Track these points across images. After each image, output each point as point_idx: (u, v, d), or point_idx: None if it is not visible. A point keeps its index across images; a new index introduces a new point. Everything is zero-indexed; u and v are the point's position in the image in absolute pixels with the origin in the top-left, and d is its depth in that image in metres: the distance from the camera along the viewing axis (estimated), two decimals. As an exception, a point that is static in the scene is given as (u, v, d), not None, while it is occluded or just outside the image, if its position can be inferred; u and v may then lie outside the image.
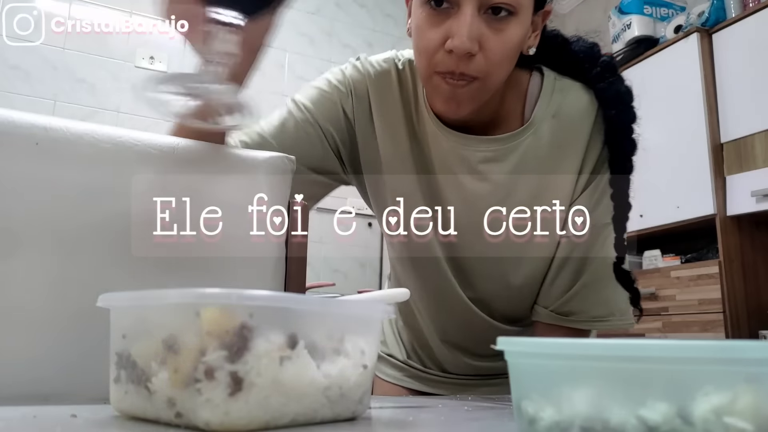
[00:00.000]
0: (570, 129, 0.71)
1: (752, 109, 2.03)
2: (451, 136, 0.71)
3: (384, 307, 0.38)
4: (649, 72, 2.33)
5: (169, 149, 0.53)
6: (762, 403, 0.24)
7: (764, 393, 0.24)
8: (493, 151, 0.71)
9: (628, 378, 0.26)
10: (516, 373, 0.31)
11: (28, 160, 0.48)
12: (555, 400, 0.27)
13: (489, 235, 0.67)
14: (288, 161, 0.60)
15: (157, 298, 0.33)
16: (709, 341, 0.25)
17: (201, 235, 0.51)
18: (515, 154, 0.71)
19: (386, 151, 0.75)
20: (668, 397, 0.25)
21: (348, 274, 2.56)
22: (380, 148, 0.75)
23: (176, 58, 2.39)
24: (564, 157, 0.71)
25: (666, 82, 2.25)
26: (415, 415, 0.41)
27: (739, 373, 0.24)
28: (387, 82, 0.75)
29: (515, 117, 0.73)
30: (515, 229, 0.68)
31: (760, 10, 2.04)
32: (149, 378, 0.32)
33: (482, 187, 0.72)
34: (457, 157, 0.72)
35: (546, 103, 0.72)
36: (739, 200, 2.00)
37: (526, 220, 0.68)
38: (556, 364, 0.28)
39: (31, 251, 0.47)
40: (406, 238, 0.73)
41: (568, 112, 0.71)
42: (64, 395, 0.44)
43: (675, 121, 2.18)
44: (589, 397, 0.26)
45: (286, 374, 0.31)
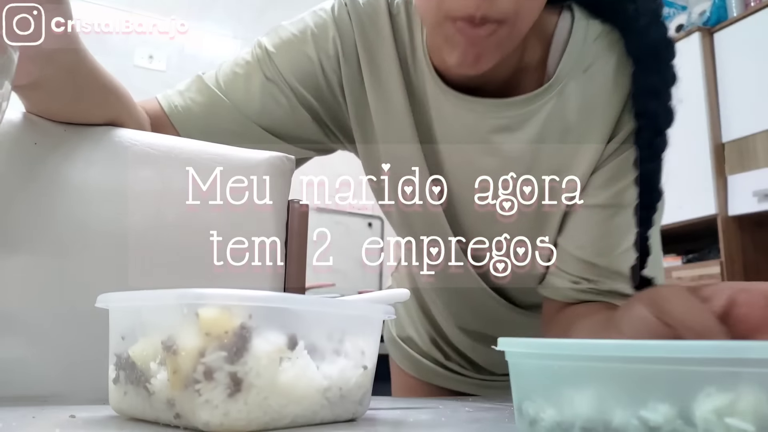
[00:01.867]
0: (605, 88, 0.57)
1: (754, 109, 2.02)
2: (456, 100, 0.58)
3: (384, 307, 0.37)
4: (650, 71, 2.33)
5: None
6: (763, 404, 0.23)
7: (766, 393, 0.24)
8: (508, 118, 0.57)
9: (630, 379, 0.26)
10: (517, 373, 0.30)
11: (26, 160, 0.48)
12: (556, 401, 0.27)
13: (500, 215, 0.55)
14: (288, 161, 0.60)
15: (156, 299, 0.33)
16: (710, 342, 0.25)
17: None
18: (535, 120, 0.57)
19: (378, 115, 0.62)
20: (670, 397, 0.24)
21: (348, 274, 2.57)
22: (372, 110, 0.62)
23: (175, 56, 2.40)
24: (594, 126, 0.58)
25: (667, 81, 2.25)
26: (415, 416, 0.41)
27: (742, 374, 0.24)
28: (378, 28, 0.61)
29: (536, 72, 0.59)
30: (521, 198, 0.55)
31: (761, 9, 2.04)
32: (148, 379, 0.32)
33: (492, 162, 0.59)
34: (463, 125, 0.59)
35: (577, 54, 0.57)
36: (740, 200, 2.00)
37: (534, 193, 0.55)
38: (557, 364, 0.28)
39: (29, 251, 0.47)
40: (408, 208, 0.61)
41: (602, 67, 0.57)
42: (62, 396, 0.44)
43: (676, 121, 2.18)
44: (590, 398, 0.26)
45: (286, 375, 0.31)
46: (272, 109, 0.61)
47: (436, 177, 0.61)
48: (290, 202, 0.60)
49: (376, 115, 0.63)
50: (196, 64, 2.39)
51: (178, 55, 2.39)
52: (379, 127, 0.63)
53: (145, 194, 0.51)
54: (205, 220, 0.51)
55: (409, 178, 0.58)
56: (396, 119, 0.62)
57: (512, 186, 0.54)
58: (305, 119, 0.62)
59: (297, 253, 0.58)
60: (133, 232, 0.50)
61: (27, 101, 0.49)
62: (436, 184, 0.60)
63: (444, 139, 0.61)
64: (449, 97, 0.59)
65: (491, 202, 0.55)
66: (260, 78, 0.61)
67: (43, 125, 0.50)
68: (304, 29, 0.62)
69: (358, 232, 2.56)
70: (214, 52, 2.46)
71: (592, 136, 0.58)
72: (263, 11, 2.53)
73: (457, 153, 0.61)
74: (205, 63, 2.48)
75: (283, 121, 0.62)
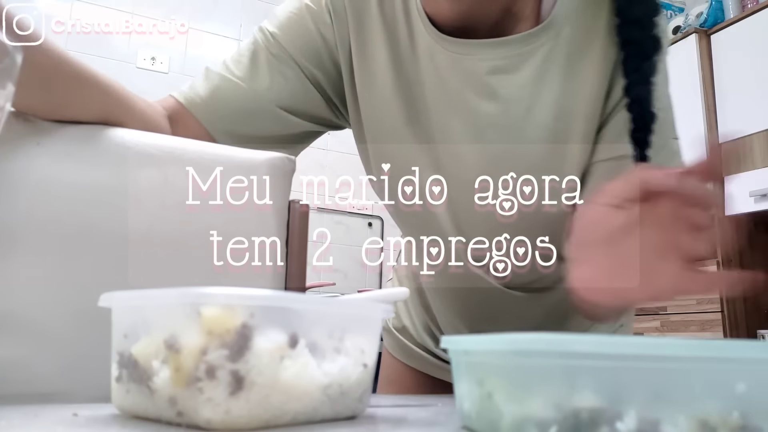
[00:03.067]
0: (600, 34, 0.57)
1: (750, 110, 2.03)
2: (452, 45, 0.58)
3: (384, 306, 0.38)
4: (648, 72, 2.33)
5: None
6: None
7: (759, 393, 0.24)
8: (504, 58, 0.57)
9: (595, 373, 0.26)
10: (467, 368, 0.31)
11: (29, 160, 0.48)
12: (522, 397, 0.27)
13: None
14: (288, 161, 0.60)
15: (158, 298, 0.33)
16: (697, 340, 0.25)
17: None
18: (532, 61, 0.57)
19: (363, 86, 0.62)
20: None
21: (348, 274, 2.57)
22: (357, 81, 0.62)
23: (178, 58, 2.40)
24: (591, 70, 0.57)
25: (665, 82, 2.25)
26: (415, 414, 0.41)
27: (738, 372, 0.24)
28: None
29: (529, 20, 0.59)
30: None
31: (758, 11, 2.05)
32: (150, 377, 0.32)
33: (491, 107, 0.58)
34: (460, 73, 0.58)
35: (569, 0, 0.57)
36: (737, 200, 2.01)
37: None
38: (525, 361, 0.28)
39: (32, 250, 0.47)
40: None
41: (597, 11, 0.57)
42: (65, 394, 0.44)
43: (674, 122, 2.19)
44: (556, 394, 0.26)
45: (287, 373, 0.31)
46: (281, 85, 0.62)
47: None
48: (291, 202, 0.60)
49: (360, 85, 0.62)
50: (199, 66, 2.39)
51: (180, 58, 2.39)
52: (362, 91, 0.62)
53: (146, 194, 0.51)
54: (206, 220, 0.52)
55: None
56: (379, 79, 0.61)
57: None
58: (312, 93, 0.63)
59: (297, 253, 0.58)
60: (134, 232, 0.50)
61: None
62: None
63: (436, 92, 0.60)
64: (445, 45, 0.58)
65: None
66: (266, 55, 0.62)
67: (45, 126, 0.50)
68: (300, 5, 0.63)
69: (358, 232, 2.57)
70: (216, 54, 2.47)
71: (590, 80, 0.57)
72: (265, 13, 2.54)
73: (453, 106, 0.59)
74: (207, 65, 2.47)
75: (292, 96, 0.63)
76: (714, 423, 0.24)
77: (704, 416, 0.24)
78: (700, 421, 0.24)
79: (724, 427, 0.24)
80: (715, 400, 0.24)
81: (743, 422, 0.24)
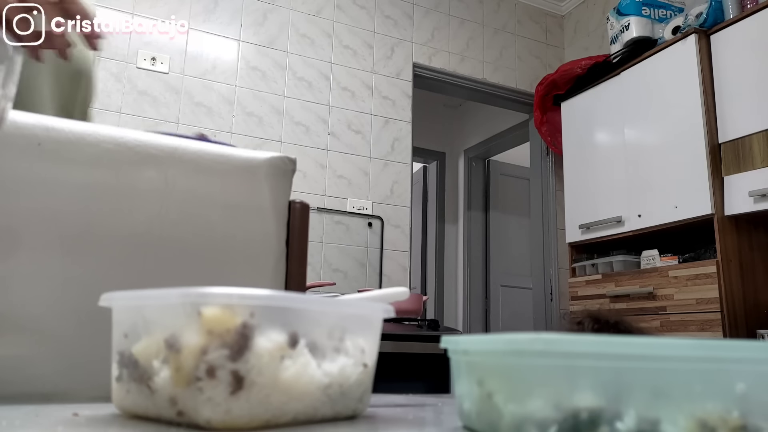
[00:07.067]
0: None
1: (750, 110, 2.03)
2: None
3: (384, 306, 0.38)
4: (648, 73, 2.34)
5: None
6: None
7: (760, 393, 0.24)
8: None
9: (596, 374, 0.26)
10: (466, 368, 0.31)
11: (30, 161, 0.48)
12: (522, 397, 0.27)
13: None
14: (288, 161, 0.60)
15: (158, 298, 0.33)
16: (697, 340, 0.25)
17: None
18: None
19: None
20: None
21: (348, 274, 2.57)
22: None
23: (178, 58, 2.40)
24: None
25: (664, 82, 2.26)
26: (415, 413, 0.41)
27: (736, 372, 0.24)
28: None
29: None
30: None
31: (757, 11, 2.05)
32: (151, 377, 0.32)
33: None
34: None
35: None
36: (736, 200, 2.01)
37: None
38: (525, 361, 0.28)
39: (33, 250, 0.47)
40: None
41: None
42: (65, 394, 0.45)
43: (673, 122, 2.19)
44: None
45: (287, 373, 0.31)
46: None
47: None
48: (291, 202, 0.60)
49: None
50: (199, 66, 2.39)
51: (180, 58, 2.39)
52: None
53: (147, 194, 0.52)
54: (207, 220, 0.52)
55: None
56: None
57: None
58: None
59: (298, 253, 0.58)
60: (135, 232, 0.50)
61: None
62: None
63: None
64: None
65: None
66: None
67: (46, 126, 0.50)
68: None
69: (358, 232, 2.57)
70: (216, 55, 2.47)
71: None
72: (265, 14, 2.54)
73: None
74: (207, 65, 2.48)
75: None
76: (713, 423, 0.24)
77: (704, 416, 0.24)
78: (700, 420, 0.24)
79: (724, 426, 0.24)
80: (714, 400, 0.24)
81: (743, 422, 0.24)
